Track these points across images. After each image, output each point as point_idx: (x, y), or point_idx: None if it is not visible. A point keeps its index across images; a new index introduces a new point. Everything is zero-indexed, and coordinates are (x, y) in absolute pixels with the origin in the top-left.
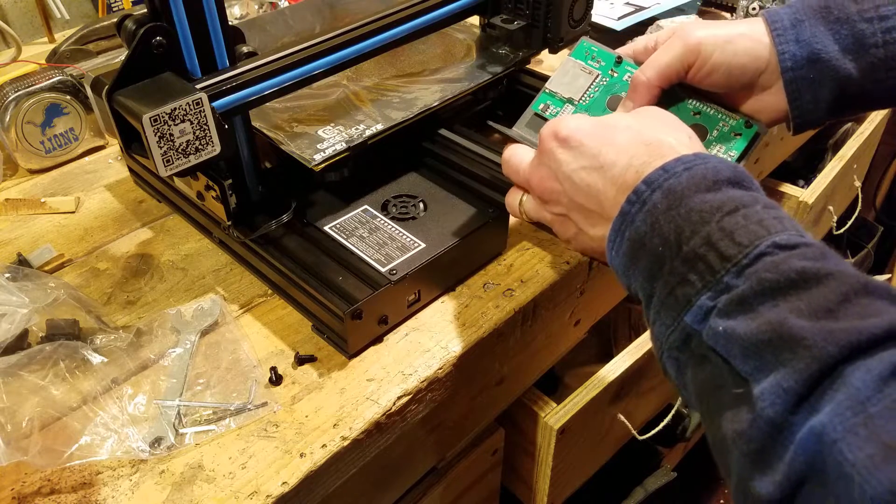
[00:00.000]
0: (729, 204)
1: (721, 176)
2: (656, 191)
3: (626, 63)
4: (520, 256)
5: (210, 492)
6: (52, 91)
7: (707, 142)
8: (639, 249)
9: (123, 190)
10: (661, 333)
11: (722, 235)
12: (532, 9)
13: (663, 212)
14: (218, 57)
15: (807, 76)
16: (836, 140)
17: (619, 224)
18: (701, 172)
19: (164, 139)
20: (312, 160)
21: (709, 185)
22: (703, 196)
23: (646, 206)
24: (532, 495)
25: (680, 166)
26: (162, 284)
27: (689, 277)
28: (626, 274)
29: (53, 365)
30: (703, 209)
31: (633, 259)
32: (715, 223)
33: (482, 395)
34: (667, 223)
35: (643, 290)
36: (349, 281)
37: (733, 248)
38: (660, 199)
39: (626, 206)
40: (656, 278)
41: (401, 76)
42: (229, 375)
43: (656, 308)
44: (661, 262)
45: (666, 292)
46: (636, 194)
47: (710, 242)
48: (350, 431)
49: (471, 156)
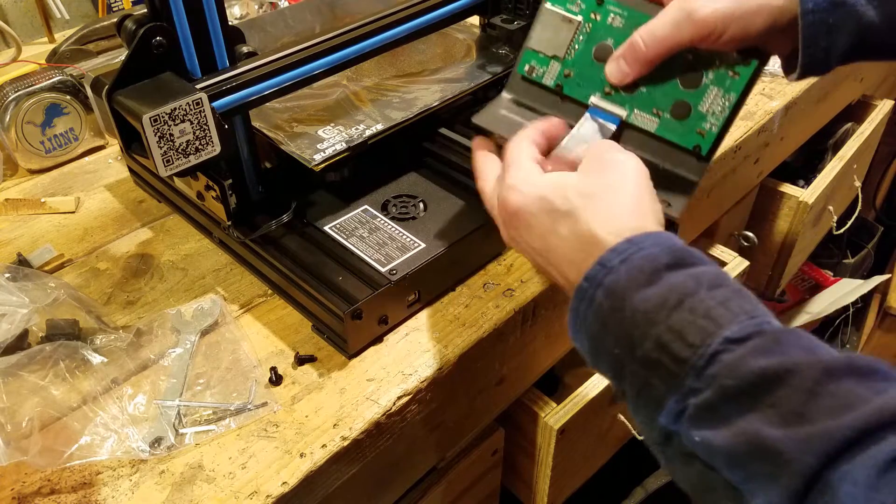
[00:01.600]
0: (672, 297)
1: (659, 263)
2: (598, 288)
3: (609, 2)
4: (520, 256)
5: (210, 492)
6: (52, 91)
7: (703, 86)
8: (597, 349)
9: (123, 190)
10: (642, 428)
11: (672, 337)
12: (532, 9)
13: (609, 314)
14: (218, 57)
15: (826, 20)
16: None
17: (574, 321)
18: (637, 264)
19: (164, 139)
20: (312, 160)
21: (647, 277)
22: (644, 293)
23: (593, 306)
24: (532, 495)
25: (615, 259)
26: (162, 284)
27: (651, 381)
28: (594, 365)
29: (53, 365)
30: (648, 308)
31: (595, 356)
32: (662, 323)
33: (482, 395)
34: (615, 326)
35: (613, 384)
36: (349, 281)
37: (686, 350)
38: (603, 299)
39: (574, 303)
40: (622, 378)
41: (401, 76)
42: (229, 375)
43: (631, 405)
44: (622, 364)
45: (634, 393)
46: (581, 292)
47: (661, 345)
48: (350, 431)
49: (471, 156)
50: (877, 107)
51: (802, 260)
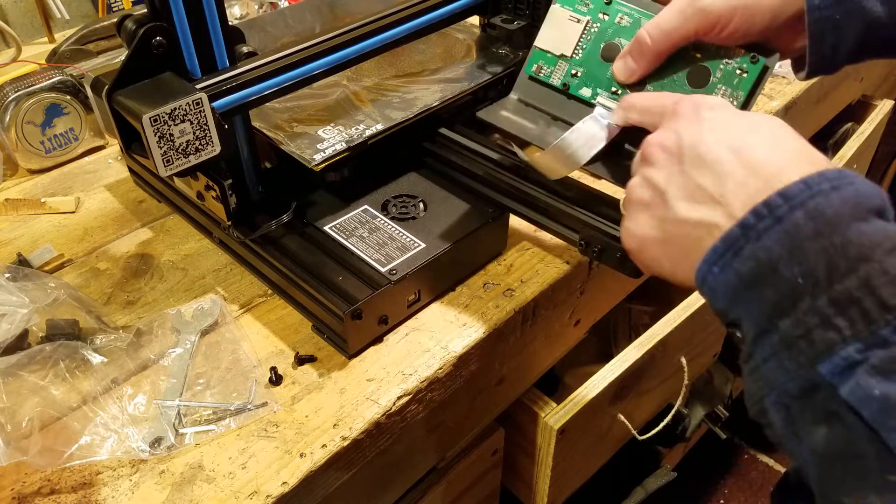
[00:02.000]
0: (888, 241)
1: (871, 204)
2: (796, 209)
3: (617, 2)
4: (520, 256)
5: (210, 492)
6: (52, 91)
7: (710, 84)
8: (765, 274)
9: (123, 190)
10: (773, 376)
11: (885, 279)
12: (532, 9)
13: (809, 237)
14: (218, 57)
15: (832, 17)
16: (836, 140)
17: (738, 237)
18: (852, 197)
19: (164, 139)
20: (312, 160)
21: (861, 213)
22: (858, 226)
23: (782, 225)
24: (532, 495)
25: (825, 184)
26: (162, 284)
27: (835, 321)
28: (732, 298)
29: (53, 365)
30: (864, 243)
31: (753, 283)
32: (877, 262)
33: (482, 395)
34: (814, 252)
35: (756, 322)
36: (349, 281)
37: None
38: (803, 221)
39: (750, 219)
40: (784, 313)
41: (401, 76)
42: (229, 375)
43: (774, 347)
44: (797, 297)
45: (798, 333)
46: (768, 207)
47: (869, 285)
48: (350, 431)
49: (471, 156)
50: (877, 107)
51: None
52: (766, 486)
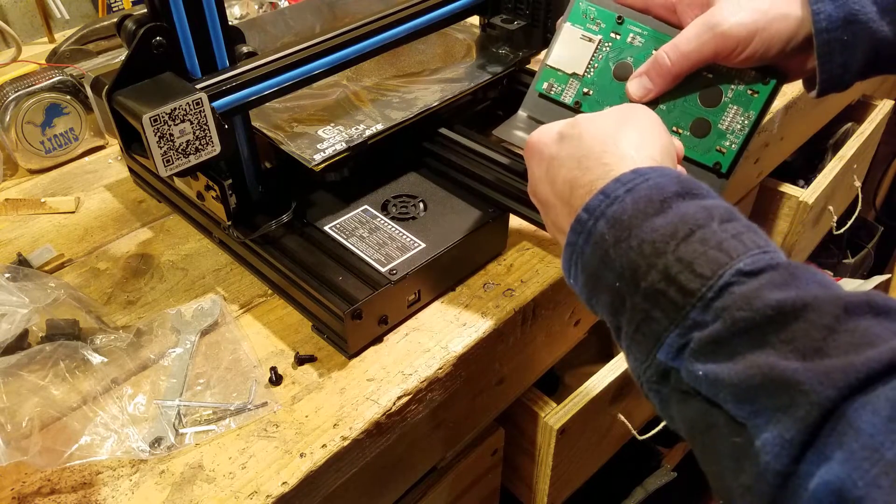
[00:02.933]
0: (682, 227)
1: (667, 192)
2: (599, 220)
3: (629, 21)
4: (520, 256)
5: (210, 492)
6: (52, 91)
7: (722, 104)
8: (595, 283)
9: (123, 190)
10: (636, 367)
11: (681, 267)
12: (532, 9)
13: (612, 245)
14: (218, 57)
15: (840, 38)
16: (836, 140)
17: (570, 255)
18: (645, 193)
19: (164, 139)
20: (312, 160)
21: (656, 206)
22: (652, 222)
23: (592, 238)
24: (532, 495)
25: (620, 189)
26: (162, 284)
27: (652, 314)
28: (588, 303)
29: (53, 365)
30: (656, 238)
31: (592, 291)
32: (671, 253)
33: (482, 395)
34: (618, 258)
35: (609, 321)
36: (349, 281)
37: (695, 282)
38: (606, 230)
39: (571, 237)
40: (619, 313)
41: (401, 76)
42: (229, 375)
43: (626, 342)
44: (622, 298)
45: (632, 329)
46: (579, 223)
47: (668, 276)
48: (350, 431)
49: (471, 156)
50: (877, 107)
51: (802, 260)
52: None
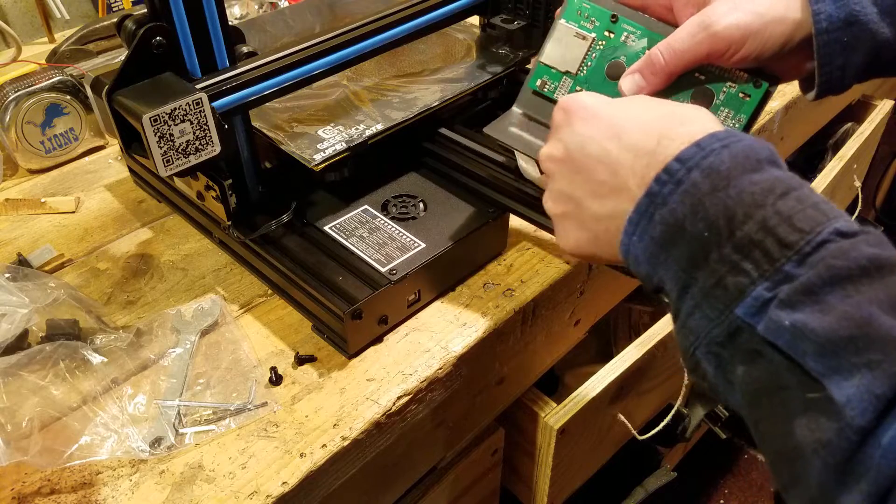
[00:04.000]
0: (779, 186)
1: (761, 155)
2: (693, 170)
3: (623, 20)
4: (520, 256)
5: (210, 492)
6: (52, 91)
7: (714, 106)
8: (675, 234)
9: (123, 190)
10: (699, 327)
11: (780, 220)
12: (532, 9)
13: (707, 193)
14: (218, 57)
15: (840, 39)
16: (836, 140)
17: (647, 205)
18: (742, 151)
19: (164, 139)
20: (312, 160)
21: (752, 164)
22: (750, 177)
23: (682, 186)
24: (532, 495)
25: (716, 143)
26: (162, 284)
27: (742, 266)
28: (652, 262)
29: (53, 365)
30: (755, 191)
31: (666, 245)
32: (770, 206)
33: (482, 395)
34: (713, 206)
35: (676, 279)
36: (349, 281)
37: (794, 234)
38: (700, 179)
39: (654, 187)
40: (698, 267)
41: (401, 76)
42: (229, 375)
43: (695, 299)
44: (707, 249)
45: (712, 282)
46: (668, 173)
47: (766, 227)
48: (350, 431)
49: (471, 156)
50: (877, 107)
51: None
52: (766, 486)
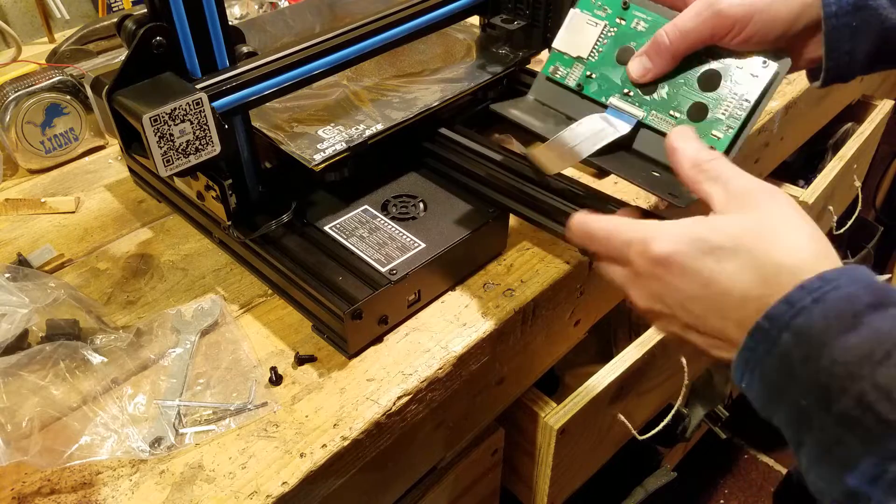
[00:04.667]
0: (879, 349)
1: (860, 304)
2: (784, 332)
3: (634, 7)
4: (520, 256)
5: (210, 492)
6: (52, 91)
7: (721, 88)
8: (776, 396)
9: (123, 190)
10: (817, 484)
11: (878, 396)
12: (532, 9)
13: (800, 362)
14: (218, 57)
15: (849, 24)
16: (836, 140)
17: (745, 361)
18: (835, 306)
19: (164, 139)
20: (312, 160)
21: (847, 321)
22: (844, 340)
23: (775, 349)
24: (532, 495)
25: (807, 298)
26: (162, 284)
27: (844, 440)
28: (765, 410)
29: (53, 365)
30: (849, 360)
31: (772, 404)
32: (867, 379)
33: (482, 395)
34: (807, 376)
35: (789, 435)
36: (349, 281)
37: (894, 413)
38: (791, 345)
39: (750, 343)
40: (804, 431)
41: (401, 76)
42: (229, 375)
43: (810, 458)
44: (808, 417)
45: (820, 449)
46: (760, 331)
47: (864, 404)
48: (350, 431)
49: (471, 156)
50: (877, 107)
51: None
52: (767, 486)
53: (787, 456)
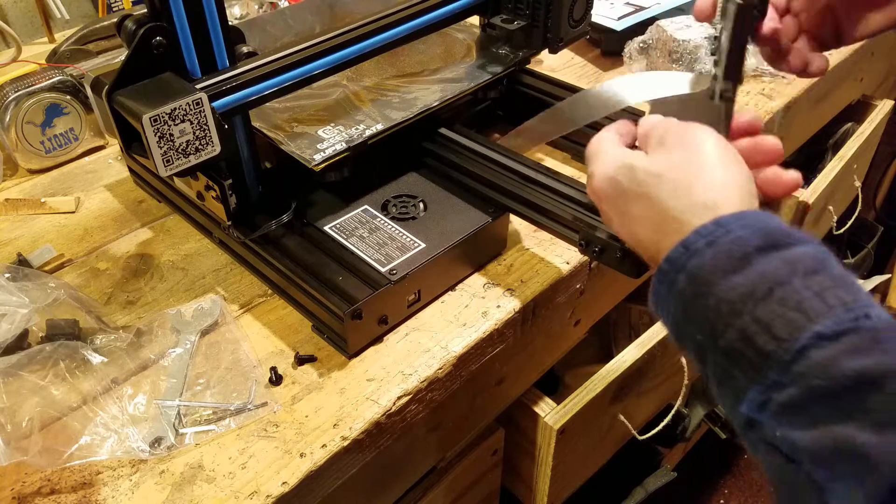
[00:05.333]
0: (761, 286)
1: (749, 247)
2: (680, 273)
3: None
4: (520, 256)
5: (210, 492)
6: (52, 91)
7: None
8: (680, 332)
9: (123, 190)
10: (727, 411)
11: (757, 329)
12: (532, 9)
13: (691, 300)
14: (218, 57)
15: None
16: (836, 140)
17: (655, 301)
18: (725, 248)
19: (164, 139)
20: (312, 160)
21: (735, 263)
22: (730, 280)
23: (675, 288)
24: (532, 495)
25: (701, 241)
26: (162, 284)
27: (732, 372)
28: (677, 343)
29: (53, 365)
30: (733, 298)
31: (678, 339)
32: (748, 315)
33: (482, 395)
34: (697, 314)
35: (696, 366)
36: (349, 281)
37: (772, 344)
38: (685, 285)
39: (656, 284)
40: (704, 364)
41: (401, 76)
42: (229, 375)
43: (713, 389)
44: (704, 352)
45: (716, 381)
46: (662, 273)
47: (745, 337)
48: (350, 431)
49: (471, 156)
50: (877, 107)
51: None
52: (766, 486)
53: None
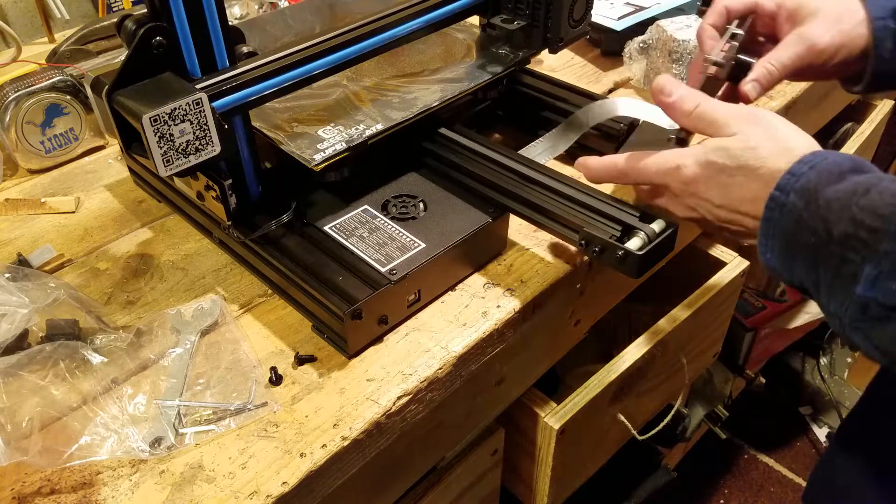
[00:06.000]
0: (860, 187)
1: (843, 167)
2: (790, 193)
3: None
4: (520, 256)
5: (210, 492)
6: (52, 91)
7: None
8: (793, 246)
9: (123, 190)
10: (839, 311)
11: (865, 214)
12: (532, 9)
13: (803, 209)
14: (218, 57)
15: (889, 26)
16: (836, 140)
17: (766, 230)
18: (826, 168)
19: (164, 139)
20: (312, 160)
21: (834, 178)
22: (834, 187)
23: (786, 208)
24: (532, 495)
25: (804, 167)
26: (162, 284)
27: (847, 256)
28: (787, 270)
29: (53, 365)
30: (840, 196)
31: (790, 255)
32: (855, 206)
33: (482, 395)
34: (810, 217)
35: (808, 279)
36: (349, 281)
37: (878, 221)
38: (796, 200)
39: (766, 213)
40: (818, 266)
41: (401, 76)
42: (229, 375)
43: (827, 292)
44: (818, 251)
45: (831, 275)
46: (773, 201)
47: (857, 222)
48: (350, 431)
49: (471, 156)
50: (877, 107)
51: None
52: (766, 486)
53: (787, 456)
